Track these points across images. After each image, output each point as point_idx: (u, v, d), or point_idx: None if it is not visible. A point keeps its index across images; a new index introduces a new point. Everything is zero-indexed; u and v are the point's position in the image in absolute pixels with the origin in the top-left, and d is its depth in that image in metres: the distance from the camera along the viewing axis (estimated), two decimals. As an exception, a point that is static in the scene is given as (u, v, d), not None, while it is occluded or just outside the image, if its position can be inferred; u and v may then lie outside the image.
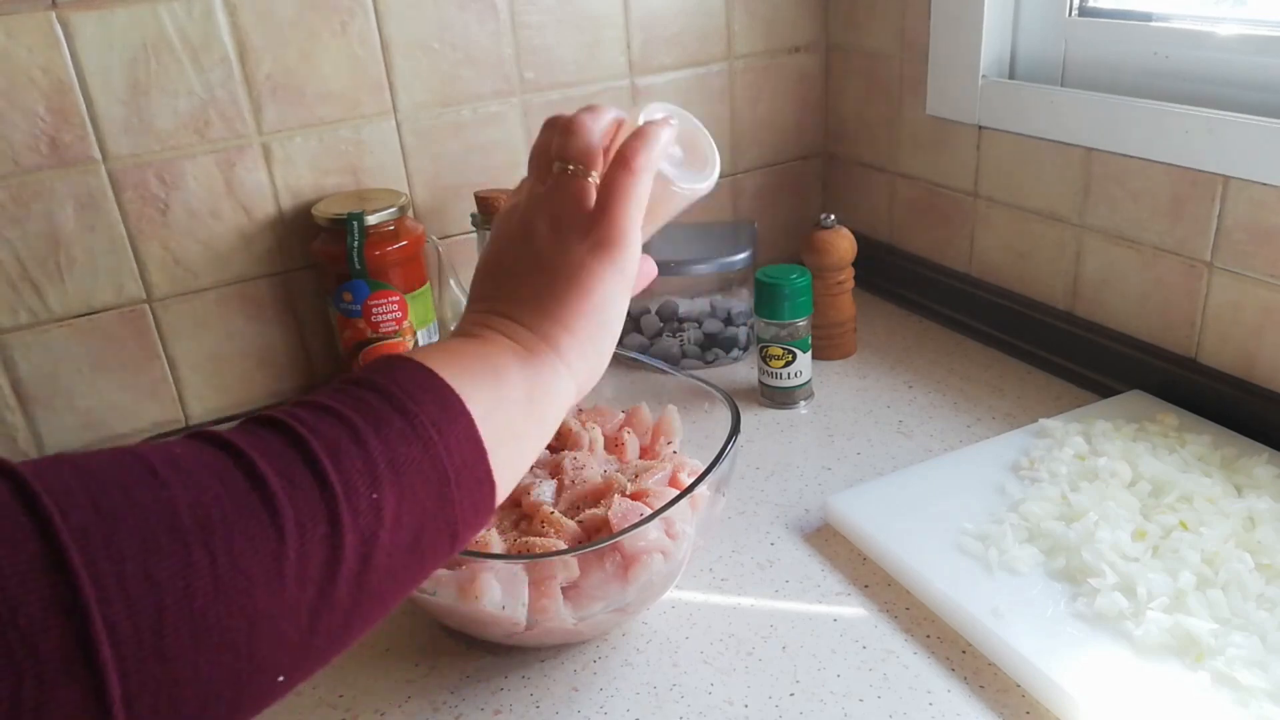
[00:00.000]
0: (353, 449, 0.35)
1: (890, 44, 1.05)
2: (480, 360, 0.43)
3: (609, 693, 0.59)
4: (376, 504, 0.35)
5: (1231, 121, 0.73)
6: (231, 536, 0.31)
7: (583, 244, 0.46)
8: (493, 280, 0.48)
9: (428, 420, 0.38)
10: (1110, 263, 0.86)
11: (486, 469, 0.40)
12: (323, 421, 0.36)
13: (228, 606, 0.31)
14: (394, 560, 0.36)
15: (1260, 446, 0.73)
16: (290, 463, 0.34)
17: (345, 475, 0.35)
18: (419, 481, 0.37)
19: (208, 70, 0.86)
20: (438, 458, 0.38)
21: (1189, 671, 0.54)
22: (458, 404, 0.39)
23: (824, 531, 0.72)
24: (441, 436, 0.38)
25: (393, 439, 0.37)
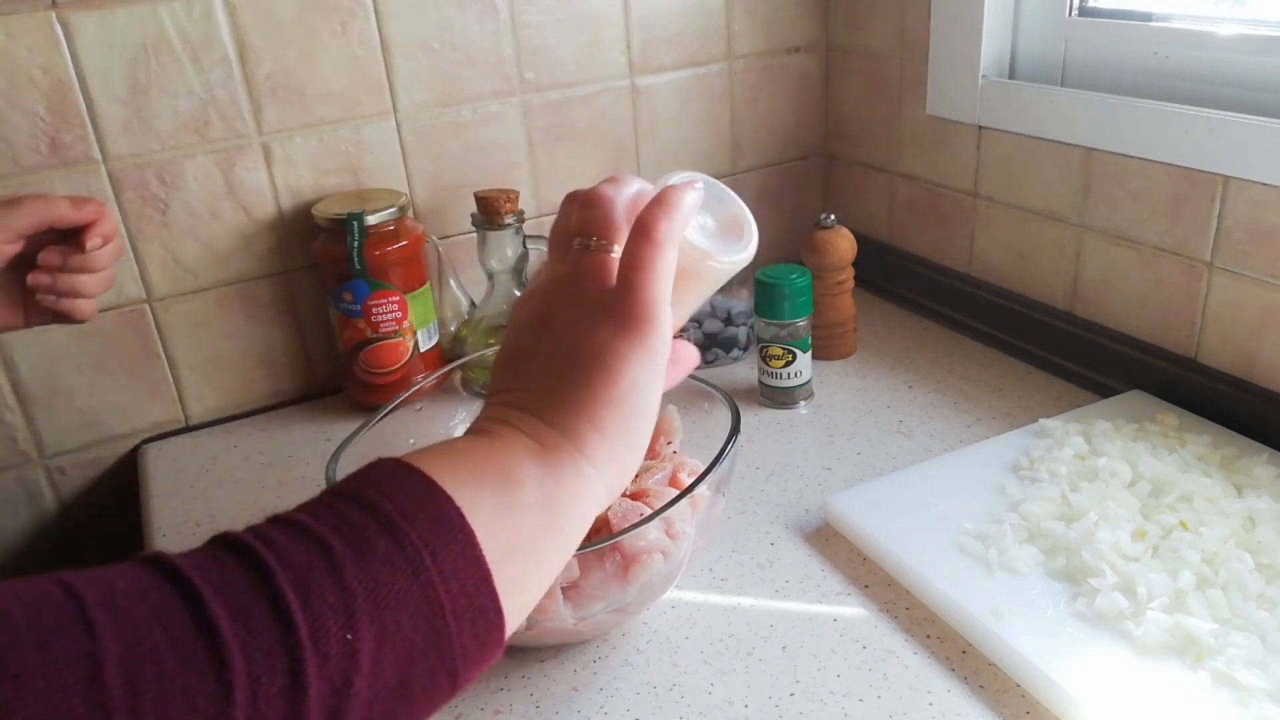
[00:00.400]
0: (326, 579, 0.31)
1: (890, 44, 1.05)
2: (489, 463, 0.38)
3: (609, 693, 0.59)
4: (351, 646, 0.30)
5: (1231, 121, 0.73)
6: (165, 698, 0.27)
7: (606, 325, 0.41)
8: (511, 370, 0.43)
9: (420, 541, 0.33)
10: (1110, 263, 0.86)
11: (491, 595, 0.35)
12: (294, 545, 0.31)
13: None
14: (376, 709, 0.31)
15: (1260, 446, 0.73)
16: (249, 599, 0.29)
17: (314, 612, 0.30)
18: (406, 615, 0.32)
19: (208, 70, 0.86)
20: (430, 585, 0.33)
21: (1189, 671, 0.54)
22: (457, 518, 0.34)
23: (824, 531, 0.72)
24: (436, 560, 0.33)
25: (375, 565, 0.31)
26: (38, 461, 0.92)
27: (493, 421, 0.41)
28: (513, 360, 0.44)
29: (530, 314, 0.45)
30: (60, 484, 0.93)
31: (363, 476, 0.36)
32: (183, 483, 0.87)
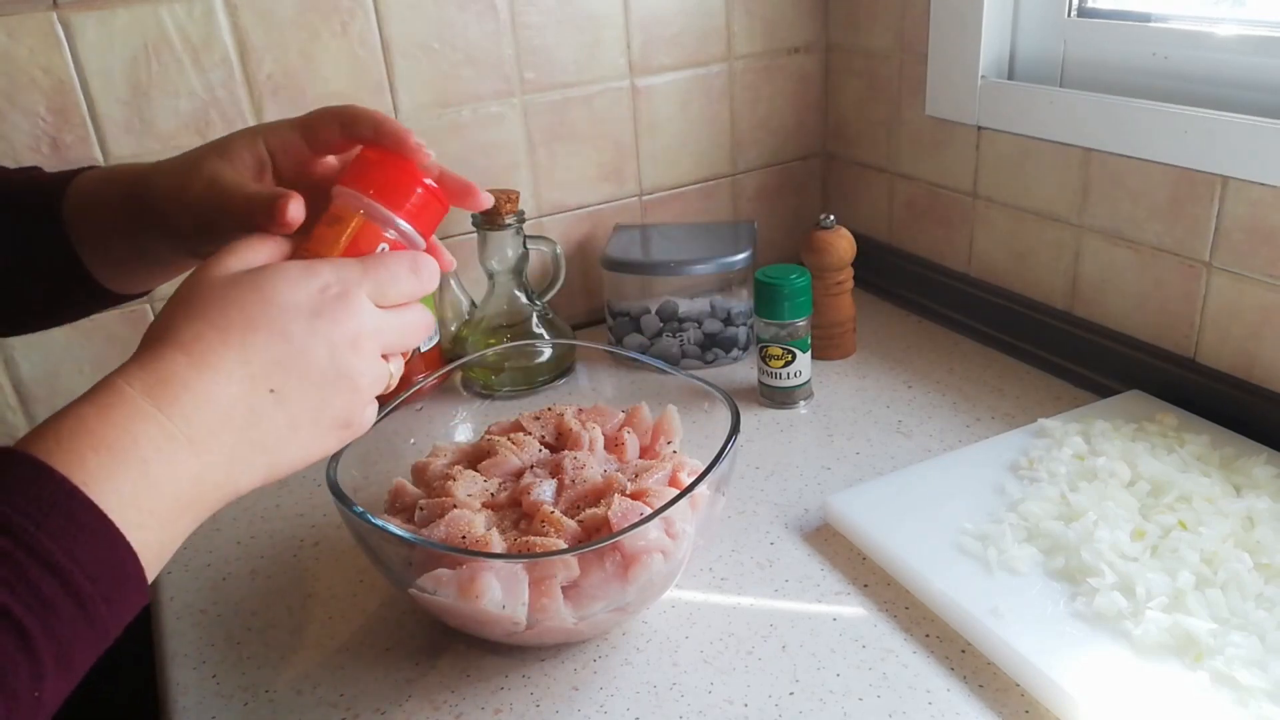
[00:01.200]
0: (22, 661, 0.33)
1: (890, 44, 1.05)
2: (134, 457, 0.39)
3: (609, 692, 0.59)
4: (38, 700, 0.34)
5: (1231, 122, 0.73)
6: None
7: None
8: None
9: (100, 598, 0.36)
10: (1109, 263, 0.87)
11: (142, 592, 0.38)
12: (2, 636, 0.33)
13: None
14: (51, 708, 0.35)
15: (1259, 446, 0.73)
16: None
17: (9, 693, 0.33)
18: (81, 655, 0.36)
19: (208, 70, 0.86)
20: (103, 626, 0.36)
21: (1188, 671, 0.54)
22: (127, 558, 0.37)
23: (823, 531, 0.72)
24: (110, 608, 0.36)
25: (62, 631, 0.35)
26: (38, 461, 0.91)
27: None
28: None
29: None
30: (61, 484, 0.93)
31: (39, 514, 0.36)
32: (183, 482, 0.87)
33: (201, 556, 0.74)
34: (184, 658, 0.64)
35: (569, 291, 1.08)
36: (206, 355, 0.41)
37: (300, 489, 0.81)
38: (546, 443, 0.70)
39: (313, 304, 0.44)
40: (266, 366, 0.42)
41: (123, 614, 0.37)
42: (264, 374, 0.42)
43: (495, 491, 0.65)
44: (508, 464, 0.67)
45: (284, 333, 0.43)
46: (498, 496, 0.65)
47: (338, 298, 0.44)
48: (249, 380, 0.42)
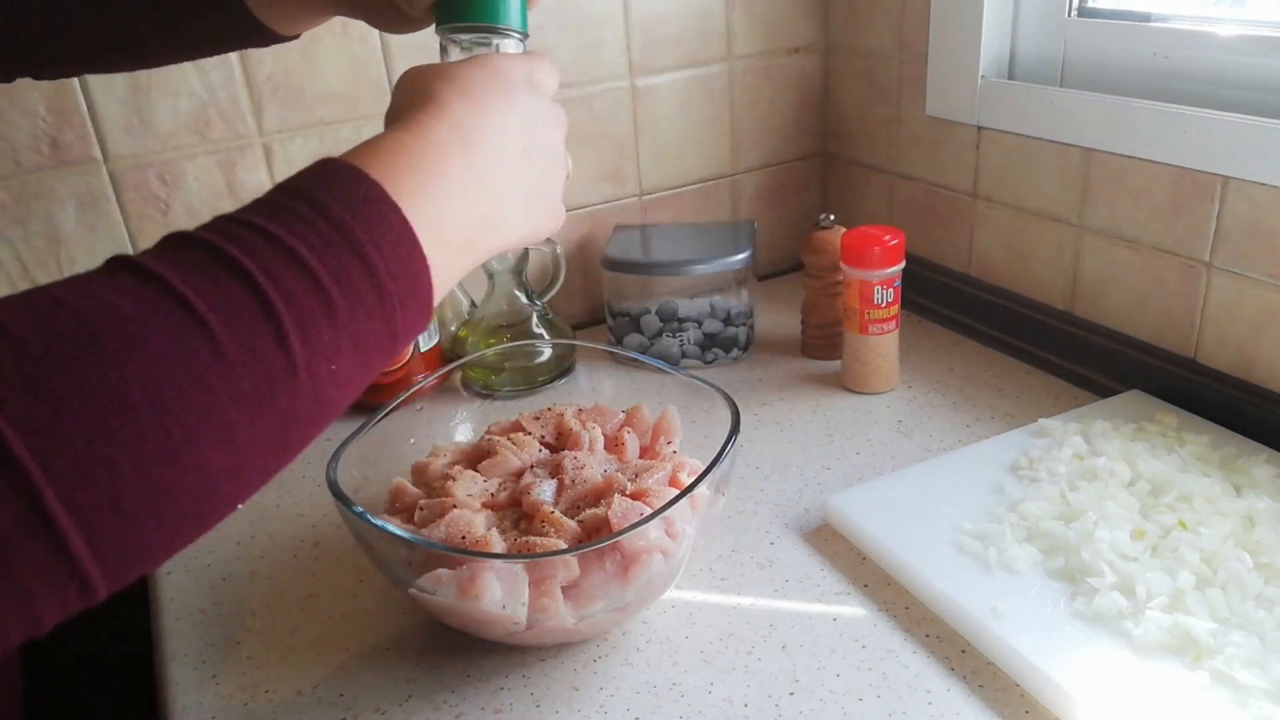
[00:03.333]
0: (323, 324, 0.35)
1: (890, 44, 1.05)
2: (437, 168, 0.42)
3: (609, 692, 0.59)
4: (334, 374, 0.36)
5: (1231, 122, 0.73)
6: (187, 410, 0.31)
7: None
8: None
9: (397, 298, 0.38)
10: (1109, 263, 0.87)
11: (429, 310, 0.41)
12: (299, 287, 0.35)
13: (184, 467, 0.31)
14: (343, 397, 0.38)
15: (1259, 446, 0.73)
16: (258, 335, 0.33)
17: (310, 351, 0.35)
18: (374, 350, 0.38)
19: (208, 70, 0.86)
20: (394, 328, 0.39)
21: (1188, 671, 0.54)
22: (425, 277, 0.40)
23: (823, 531, 0.72)
24: (404, 311, 0.39)
25: (362, 317, 0.37)
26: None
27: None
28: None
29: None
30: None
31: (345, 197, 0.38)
32: (183, 482, 0.87)
33: (201, 557, 0.74)
34: (184, 658, 0.64)
35: (569, 291, 1.08)
36: (486, 109, 0.46)
37: (300, 489, 0.81)
38: (546, 443, 0.70)
39: (529, 82, 0.49)
40: (523, 125, 0.47)
41: (412, 323, 0.39)
42: (522, 130, 0.47)
43: (495, 492, 0.65)
44: (508, 464, 0.67)
45: (524, 101, 0.47)
46: (498, 497, 0.65)
47: (538, 82, 0.49)
48: (516, 132, 0.46)
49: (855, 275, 0.87)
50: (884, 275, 0.86)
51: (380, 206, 0.39)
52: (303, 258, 0.35)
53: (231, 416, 0.32)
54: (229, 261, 0.34)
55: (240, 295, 0.33)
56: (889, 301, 0.87)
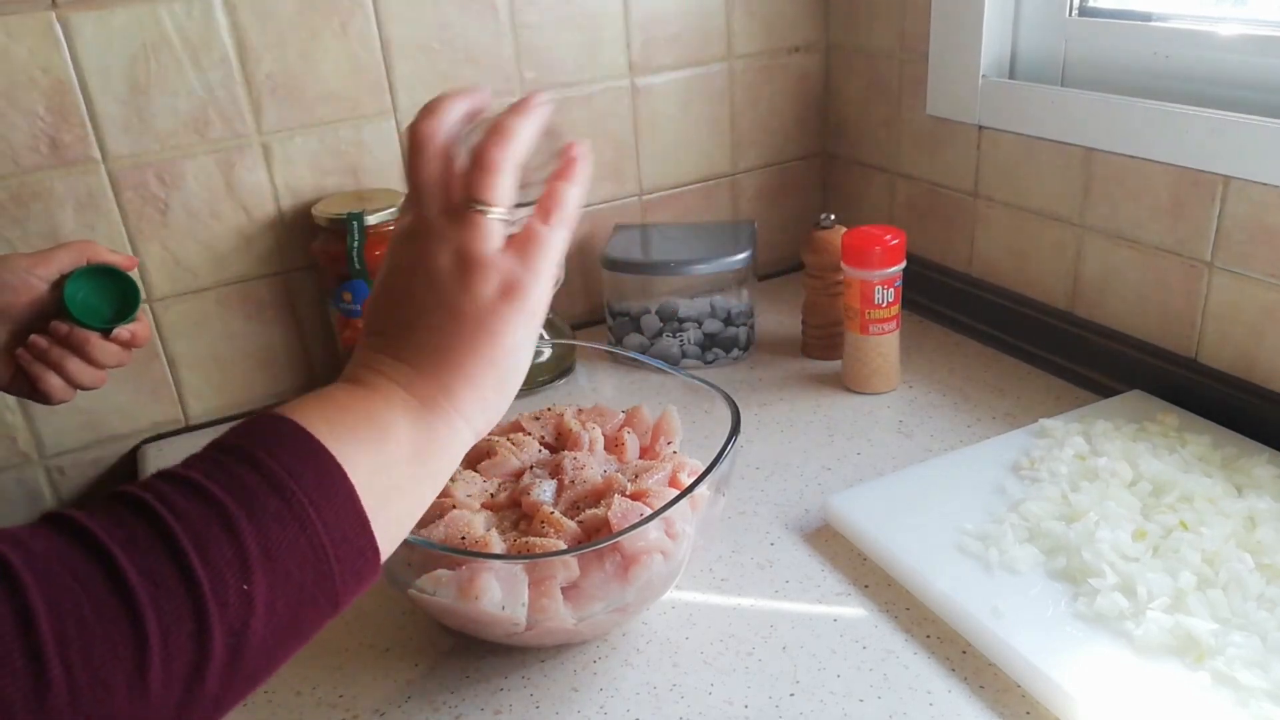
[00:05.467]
0: (222, 537, 0.34)
1: (890, 44, 1.05)
2: (367, 417, 0.41)
3: (609, 693, 0.59)
4: (248, 595, 0.34)
5: (1232, 121, 0.73)
6: (90, 647, 0.30)
7: (491, 288, 0.44)
8: (389, 315, 0.45)
9: (305, 498, 0.36)
10: (1110, 263, 0.86)
11: (369, 538, 0.38)
12: (192, 506, 0.34)
13: (87, 716, 0.30)
14: (268, 642, 0.35)
15: (1260, 446, 0.73)
16: (154, 558, 0.32)
17: (213, 568, 0.33)
18: (295, 564, 0.35)
19: (207, 70, 0.86)
20: (316, 536, 0.36)
21: (1189, 671, 0.54)
22: (338, 474, 0.38)
23: (824, 531, 0.72)
24: (320, 514, 0.36)
25: (267, 522, 0.35)
26: (37, 461, 0.91)
27: (368, 370, 0.43)
28: (390, 304, 0.45)
29: (410, 259, 0.45)
30: (60, 484, 0.93)
31: (249, 433, 0.38)
32: (183, 483, 0.87)
33: (201, 557, 0.74)
34: (183, 658, 0.64)
35: (569, 291, 1.08)
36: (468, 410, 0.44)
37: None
38: (546, 443, 0.70)
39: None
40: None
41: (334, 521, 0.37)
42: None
43: (495, 492, 0.65)
44: (507, 464, 0.67)
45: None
46: (497, 497, 0.65)
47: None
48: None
49: (856, 275, 0.87)
50: (885, 275, 0.86)
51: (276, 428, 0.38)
52: (195, 481, 0.35)
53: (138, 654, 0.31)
54: (127, 498, 0.34)
55: (136, 523, 0.33)
56: (889, 301, 0.87)
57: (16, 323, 0.67)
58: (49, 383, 0.67)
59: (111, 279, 0.69)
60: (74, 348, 0.67)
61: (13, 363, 0.67)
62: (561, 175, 0.48)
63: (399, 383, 0.43)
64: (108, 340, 0.68)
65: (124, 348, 0.69)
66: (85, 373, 0.68)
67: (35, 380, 0.67)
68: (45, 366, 0.66)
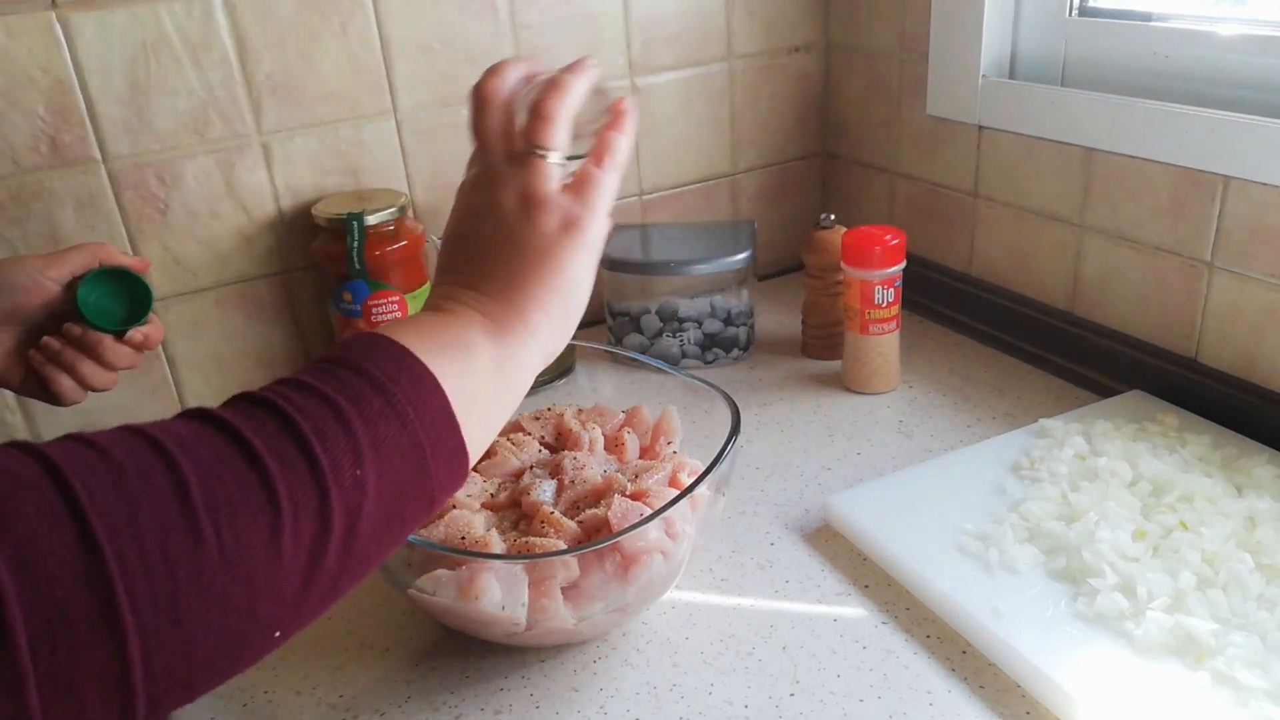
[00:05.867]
0: (337, 428, 0.38)
1: (890, 44, 1.05)
2: (452, 336, 0.45)
3: (609, 693, 0.59)
4: (360, 479, 0.38)
5: (1232, 121, 0.73)
6: (235, 513, 0.34)
7: (553, 222, 0.49)
8: (462, 253, 0.50)
9: (404, 398, 0.40)
10: (1110, 263, 0.86)
11: (460, 439, 0.42)
12: (309, 402, 0.38)
13: (233, 574, 0.34)
14: (376, 527, 0.39)
15: (1260, 446, 0.73)
16: (283, 443, 0.36)
17: (332, 454, 0.37)
18: (398, 456, 0.39)
19: (207, 70, 0.86)
20: (414, 433, 0.40)
21: (1189, 671, 0.54)
22: (431, 380, 0.42)
23: (824, 531, 0.72)
24: (417, 413, 0.40)
25: (373, 417, 0.39)
26: (38, 461, 0.91)
27: (449, 300, 0.48)
28: (462, 244, 0.50)
29: (478, 203, 0.50)
30: (60, 484, 0.93)
31: (349, 347, 0.42)
32: (183, 483, 0.87)
33: (201, 557, 0.74)
34: (183, 658, 0.64)
35: (569, 291, 1.08)
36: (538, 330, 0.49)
37: (300, 489, 0.81)
38: (546, 443, 0.70)
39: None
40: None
41: (430, 421, 0.41)
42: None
43: (495, 492, 0.65)
44: (507, 464, 0.67)
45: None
46: (497, 497, 0.65)
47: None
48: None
49: (856, 275, 0.87)
50: (885, 275, 0.86)
51: (373, 343, 0.43)
52: (308, 383, 0.39)
53: (273, 519, 0.35)
54: (253, 397, 0.39)
55: (264, 415, 0.37)
56: (889, 301, 0.87)
57: (29, 324, 0.67)
58: (61, 384, 0.67)
59: (124, 281, 0.69)
60: (87, 350, 0.67)
61: (24, 364, 0.67)
62: (612, 126, 0.53)
63: (476, 309, 0.47)
64: (120, 342, 0.68)
65: (136, 350, 0.69)
66: (98, 375, 0.68)
67: (47, 382, 0.67)
68: (57, 368, 0.67)
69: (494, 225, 0.49)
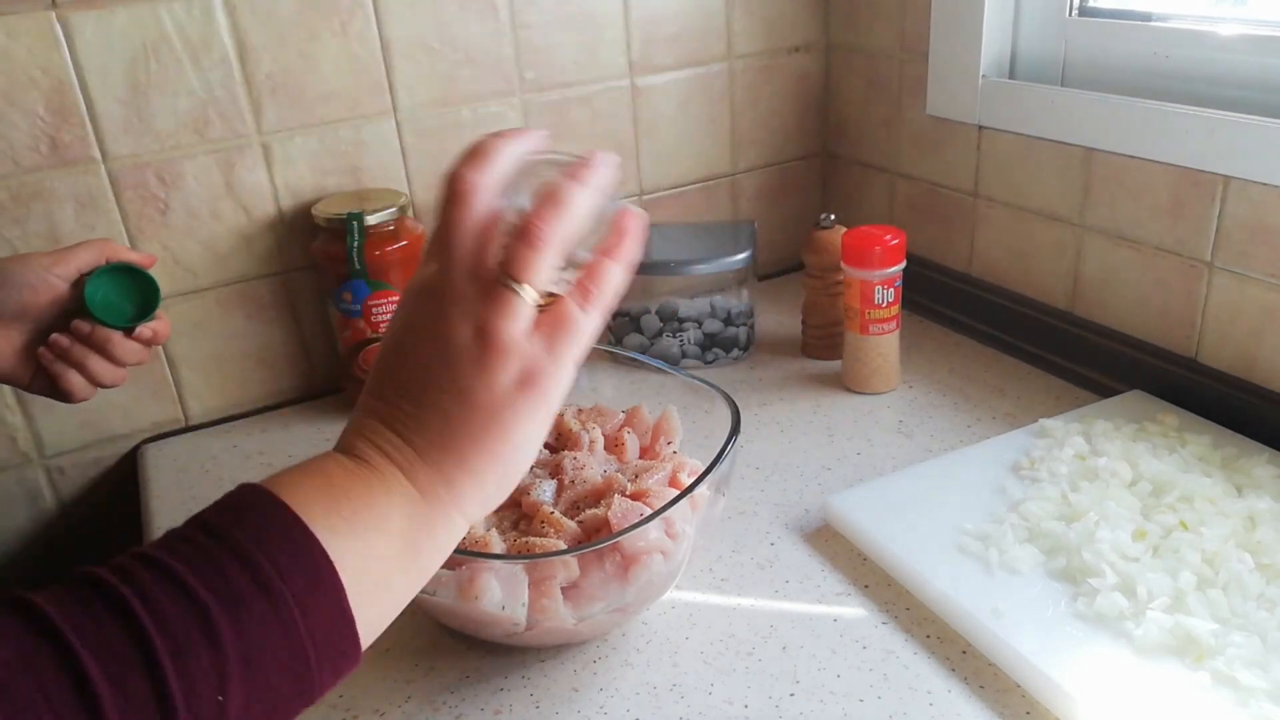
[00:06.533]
0: (202, 646, 0.32)
1: (890, 44, 1.05)
2: (364, 504, 0.38)
3: (609, 693, 0.59)
4: (222, 706, 0.32)
5: (1231, 121, 0.73)
6: None
7: (510, 376, 0.40)
8: (395, 380, 0.42)
9: (293, 599, 0.34)
10: (1110, 263, 0.86)
11: (353, 639, 0.37)
12: (176, 608, 0.32)
13: None
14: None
15: (1260, 446, 0.73)
16: (128, 668, 0.31)
17: (189, 681, 0.31)
18: (274, 669, 0.34)
19: (207, 70, 0.86)
20: (299, 641, 0.34)
21: (1189, 671, 0.54)
22: (328, 571, 0.36)
23: (824, 531, 0.72)
24: (305, 617, 0.34)
25: (251, 628, 0.33)
26: (37, 461, 0.91)
27: (370, 446, 0.40)
28: (398, 367, 0.42)
29: (425, 322, 0.42)
30: (60, 484, 0.93)
31: (238, 515, 0.36)
32: (182, 483, 0.87)
33: (201, 557, 0.74)
34: (183, 658, 0.64)
35: (569, 291, 1.08)
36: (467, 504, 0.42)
37: (300, 489, 0.81)
38: (546, 443, 0.70)
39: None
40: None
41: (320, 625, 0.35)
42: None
43: (495, 492, 0.65)
44: (507, 464, 0.67)
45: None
46: (497, 497, 0.65)
47: None
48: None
49: (856, 275, 0.87)
50: (885, 275, 0.86)
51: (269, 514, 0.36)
52: (178, 574, 0.33)
53: None
54: (106, 590, 0.32)
55: (112, 625, 0.31)
56: (889, 301, 0.87)
57: (37, 322, 0.67)
58: (70, 381, 0.67)
59: (131, 277, 0.69)
60: (96, 346, 0.67)
61: (34, 362, 0.67)
62: (609, 250, 0.44)
63: (400, 467, 0.40)
64: (129, 338, 0.68)
65: (146, 345, 0.69)
66: (107, 371, 0.68)
67: (56, 379, 0.67)
68: (67, 365, 0.67)
69: (438, 358, 0.40)
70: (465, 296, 0.41)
